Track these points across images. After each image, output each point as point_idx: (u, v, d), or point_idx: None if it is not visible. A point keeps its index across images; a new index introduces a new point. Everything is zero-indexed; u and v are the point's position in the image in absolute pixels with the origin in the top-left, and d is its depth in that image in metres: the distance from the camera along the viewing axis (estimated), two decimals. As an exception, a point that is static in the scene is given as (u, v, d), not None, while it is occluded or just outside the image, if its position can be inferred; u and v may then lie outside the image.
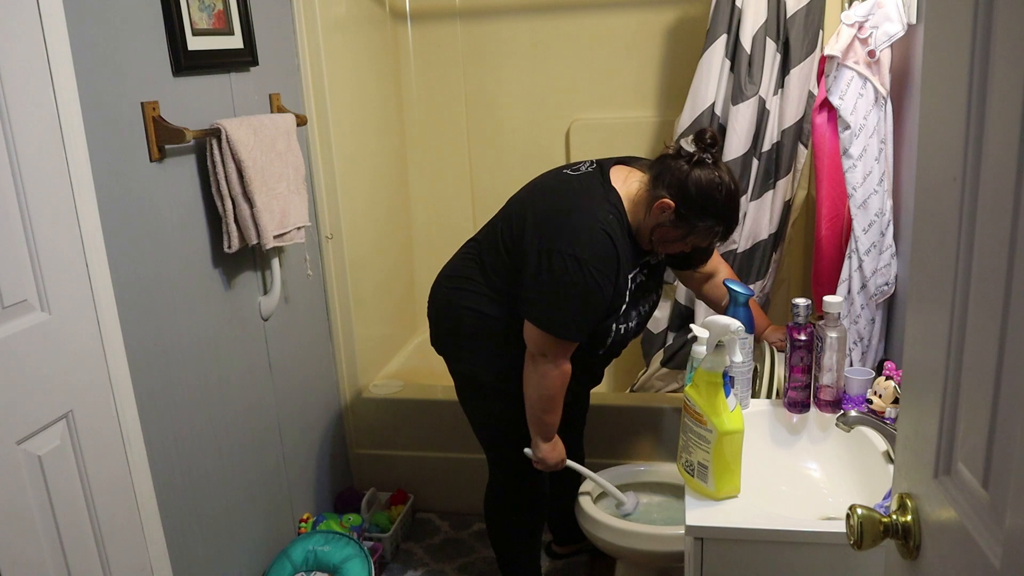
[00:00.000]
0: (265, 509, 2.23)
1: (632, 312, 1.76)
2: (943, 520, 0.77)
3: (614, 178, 1.69)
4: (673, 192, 1.59)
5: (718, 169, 1.59)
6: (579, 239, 1.61)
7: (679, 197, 1.58)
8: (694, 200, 1.58)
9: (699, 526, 1.30)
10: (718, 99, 2.22)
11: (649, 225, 1.65)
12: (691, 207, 1.58)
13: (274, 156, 2.01)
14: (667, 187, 1.60)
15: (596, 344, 1.76)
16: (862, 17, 1.69)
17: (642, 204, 1.65)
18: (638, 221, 1.67)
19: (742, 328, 1.40)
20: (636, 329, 1.81)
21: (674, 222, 1.61)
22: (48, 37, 1.42)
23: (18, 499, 1.38)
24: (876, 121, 1.74)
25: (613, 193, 1.67)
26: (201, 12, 1.88)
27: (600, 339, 1.74)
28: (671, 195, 1.59)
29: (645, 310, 1.81)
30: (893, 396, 1.50)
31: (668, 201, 1.59)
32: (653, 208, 1.61)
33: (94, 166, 1.54)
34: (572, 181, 1.72)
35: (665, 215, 1.61)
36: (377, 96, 2.85)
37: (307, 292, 2.43)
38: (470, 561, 2.48)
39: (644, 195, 1.65)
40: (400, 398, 2.70)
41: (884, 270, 1.77)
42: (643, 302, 1.80)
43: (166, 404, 1.80)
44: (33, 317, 1.41)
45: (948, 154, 0.75)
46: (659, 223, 1.63)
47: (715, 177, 1.58)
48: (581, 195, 1.67)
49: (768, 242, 2.30)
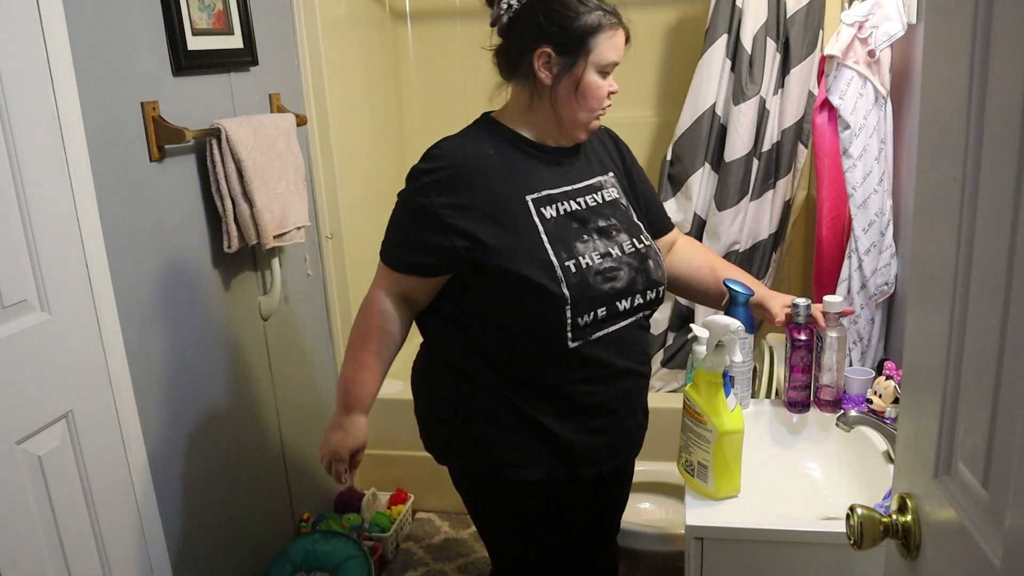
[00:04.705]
0: (265, 509, 2.23)
1: (586, 250, 1.37)
2: (943, 520, 0.77)
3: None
4: (531, 43, 1.35)
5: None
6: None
7: (541, 37, 1.34)
8: (552, 21, 1.33)
9: (699, 526, 1.30)
10: (719, 99, 2.22)
11: (556, 103, 1.37)
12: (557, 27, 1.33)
13: (274, 156, 2.01)
14: (524, 53, 1.36)
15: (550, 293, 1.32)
16: (862, 17, 1.69)
17: (520, 99, 1.41)
18: (531, 118, 1.41)
19: (742, 328, 1.40)
20: (615, 285, 1.38)
21: (563, 57, 1.34)
22: (48, 37, 1.42)
23: (18, 499, 1.38)
24: (876, 121, 1.74)
25: (479, 121, 1.47)
26: (201, 12, 1.88)
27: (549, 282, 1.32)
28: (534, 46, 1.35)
29: (617, 255, 1.40)
30: (893, 396, 1.50)
31: (539, 51, 1.34)
32: (538, 75, 1.36)
33: (94, 166, 1.54)
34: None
35: (553, 62, 1.35)
36: (377, 96, 2.85)
37: (307, 292, 2.43)
38: (470, 561, 2.48)
39: (515, 92, 1.42)
40: (400, 398, 2.69)
41: (884, 270, 1.77)
42: (607, 243, 1.40)
43: (166, 404, 1.80)
44: (33, 317, 1.41)
45: (948, 154, 0.75)
46: (556, 77, 1.35)
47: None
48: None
49: (768, 242, 2.30)
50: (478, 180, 1.36)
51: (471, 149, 1.40)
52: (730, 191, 2.22)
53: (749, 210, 2.25)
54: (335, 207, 2.49)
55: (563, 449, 1.42)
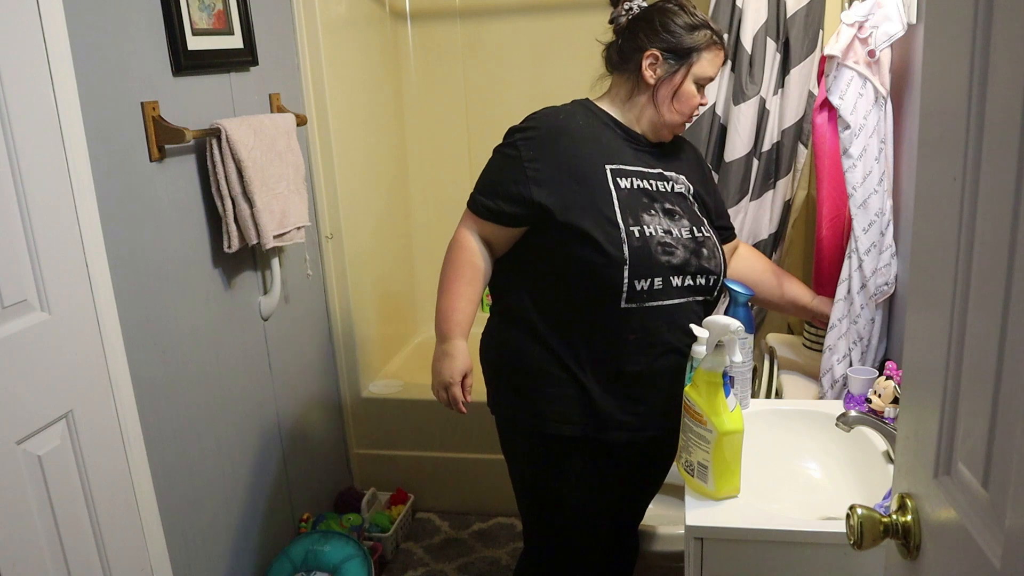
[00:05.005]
0: (265, 509, 2.23)
1: (651, 221, 1.49)
2: (943, 520, 0.77)
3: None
4: (644, 44, 1.52)
5: (654, 3, 1.56)
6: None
7: (653, 40, 1.52)
8: (668, 30, 1.51)
9: (699, 526, 1.30)
10: (719, 99, 2.22)
11: (655, 101, 1.54)
12: (670, 36, 1.51)
13: (274, 156, 2.01)
14: (635, 52, 1.53)
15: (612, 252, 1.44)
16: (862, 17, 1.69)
17: (622, 90, 1.58)
18: (627, 109, 1.58)
19: (742, 328, 1.40)
20: (671, 260, 1.48)
21: (669, 63, 1.52)
22: (48, 37, 1.42)
23: (18, 499, 1.38)
24: (876, 121, 1.74)
25: (577, 100, 1.61)
26: (201, 12, 1.88)
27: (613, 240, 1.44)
28: (646, 47, 1.52)
29: (677, 235, 1.51)
30: (892, 396, 1.50)
31: (650, 52, 1.51)
32: (644, 73, 1.52)
33: (94, 166, 1.54)
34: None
35: (658, 66, 1.52)
36: (377, 96, 2.85)
37: (307, 292, 2.43)
38: (470, 561, 2.48)
39: (617, 83, 1.59)
40: (400, 398, 2.70)
41: (884, 270, 1.77)
42: (670, 223, 1.52)
43: (166, 404, 1.80)
44: (33, 317, 1.41)
45: (948, 154, 0.75)
46: (659, 79, 1.52)
47: (660, 5, 1.54)
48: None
49: (768, 242, 2.30)
50: (565, 143, 1.51)
51: (564, 116, 1.55)
52: (730, 191, 2.22)
53: (749, 210, 2.25)
54: (335, 207, 2.49)
55: (600, 412, 1.53)
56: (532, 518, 1.70)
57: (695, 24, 1.52)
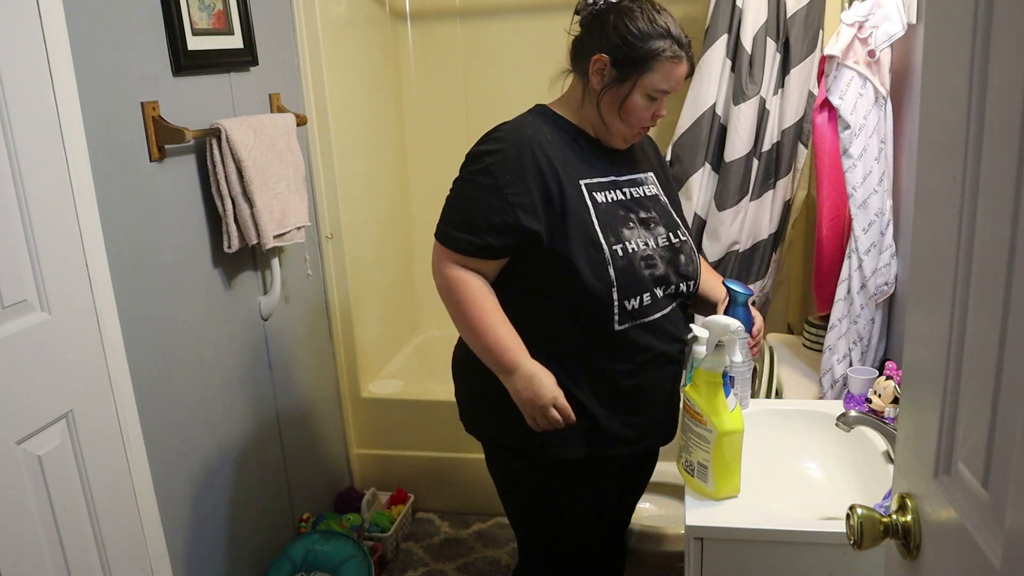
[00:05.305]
0: (265, 509, 2.23)
1: (631, 236, 1.43)
2: (943, 520, 0.77)
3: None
4: (596, 47, 1.40)
5: (620, 1, 1.42)
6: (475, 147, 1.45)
7: (604, 46, 1.40)
8: (620, 34, 1.38)
9: (699, 526, 1.30)
10: (719, 99, 2.22)
11: (599, 109, 1.44)
12: (621, 42, 1.39)
13: (274, 156, 2.01)
14: (588, 52, 1.42)
15: (599, 277, 1.39)
16: (862, 17, 1.69)
17: (576, 92, 1.48)
18: (585, 115, 1.48)
19: (742, 328, 1.40)
20: (654, 273, 1.44)
21: (619, 72, 1.40)
22: (48, 37, 1.42)
23: (18, 499, 1.37)
24: (876, 121, 1.74)
25: (534, 109, 1.52)
26: (201, 12, 1.88)
27: (597, 265, 1.39)
28: (596, 50, 1.40)
29: (654, 246, 1.46)
30: (892, 396, 1.50)
31: (597, 56, 1.40)
32: (591, 78, 1.42)
33: (94, 166, 1.54)
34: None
35: (606, 72, 1.40)
36: (377, 96, 2.85)
37: (307, 292, 2.44)
38: (470, 561, 2.48)
39: (573, 84, 1.49)
40: (400, 398, 2.70)
41: (884, 270, 1.77)
42: (647, 233, 1.46)
43: (166, 404, 1.80)
44: (33, 317, 1.41)
45: (948, 154, 0.75)
46: (604, 87, 1.41)
47: (623, 5, 1.40)
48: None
49: (768, 242, 2.30)
50: (538, 160, 1.40)
51: (531, 131, 1.43)
52: (730, 191, 2.22)
53: (749, 210, 2.25)
54: (335, 207, 2.49)
55: (602, 429, 1.47)
56: (527, 534, 1.66)
57: (652, 32, 1.38)
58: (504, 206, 1.38)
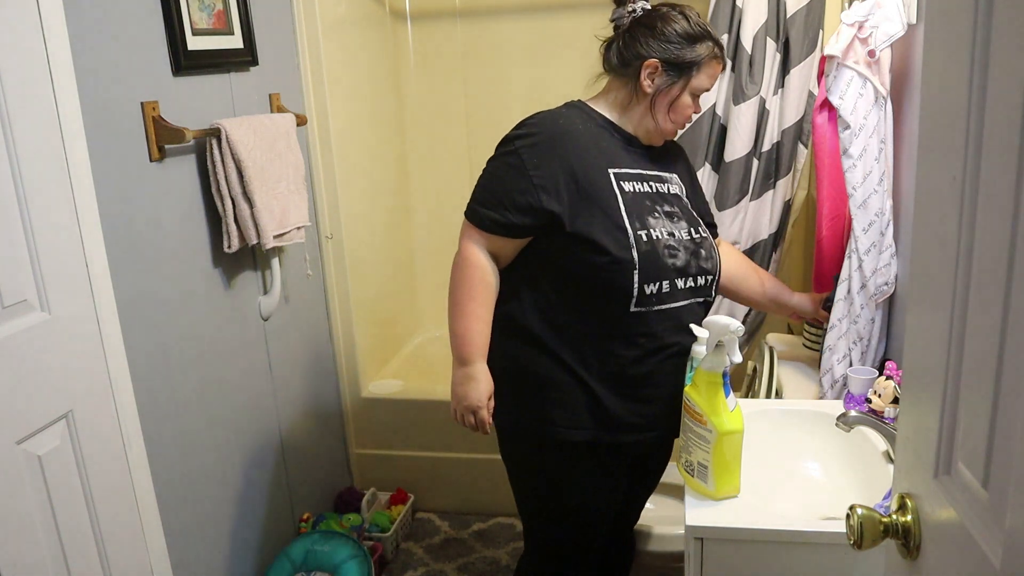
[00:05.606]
0: (265, 509, 2.23)
1: (656, 224, 1.50)
2: (943, 520, 0.77)
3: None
4: (645, 52, 1.50)
5: (658, 7, 1.53)
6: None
7: (653, 50, 1.50)
8: (670, 40, 1.49)
9: (699, 526, 1.30)
10: (719, 99, 2.22)
11: (652, 110, 1.53)
12: (672, 47, 1.49)
13: (274, 156, 2.01)
14: (635, 57, 1.51)
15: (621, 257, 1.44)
16: (862, 17, 1.69)
17: (619, 94, 1.56)
18: (624, 114, 1.56)
19: (742, 328, 1.40)
20: (676, 263, 1.50)
21: (668, 75, 1.51)
22: (48, 37, 1.42)
23: (18, 499, 1.37)
24: (876, 121, 1.74)
25: (570, 103, 1.60)
26: (201, 12, 1.88)
27: (622, 246, 1.45)
28: (647, 56, 1.50)
29: (679, 237, 1.52)
30: (892, 396, 1.50)
31: (650, 62, 1.50)
32: (641, 80, 1.51)
33: (94, 166, 1.54)
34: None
35: (657, 75, 1.51)
36: (377, 96, 2.85)
37: (307, 292, 2.44)
38: (470, 561, 2.48)
39: (613, 85, 1.58)
40: (400, 398, 2.70)
41: (884, 270, 1.77)
42: (672, 225, 1.53)
43: (166, 404, 1.80)
44: (33, 317, 1.41)
45: (948, 154, 0.75)
46: (657, 89, 1.51)
47: (663, 11, 1.51)
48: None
49: (768, 242, 2.30)
50: (567, 148, 1.48)
51: (563, 121, 1.52)
52: (730, 191, 2.22)
53: (749, 210, 2.25)
54: (335, 207, 2.49)
55: (608, 414, 1.52)
56: (535, 522, 1.69)
57: (697, 35, 1.50)
58: (528, 187, 1.46)
